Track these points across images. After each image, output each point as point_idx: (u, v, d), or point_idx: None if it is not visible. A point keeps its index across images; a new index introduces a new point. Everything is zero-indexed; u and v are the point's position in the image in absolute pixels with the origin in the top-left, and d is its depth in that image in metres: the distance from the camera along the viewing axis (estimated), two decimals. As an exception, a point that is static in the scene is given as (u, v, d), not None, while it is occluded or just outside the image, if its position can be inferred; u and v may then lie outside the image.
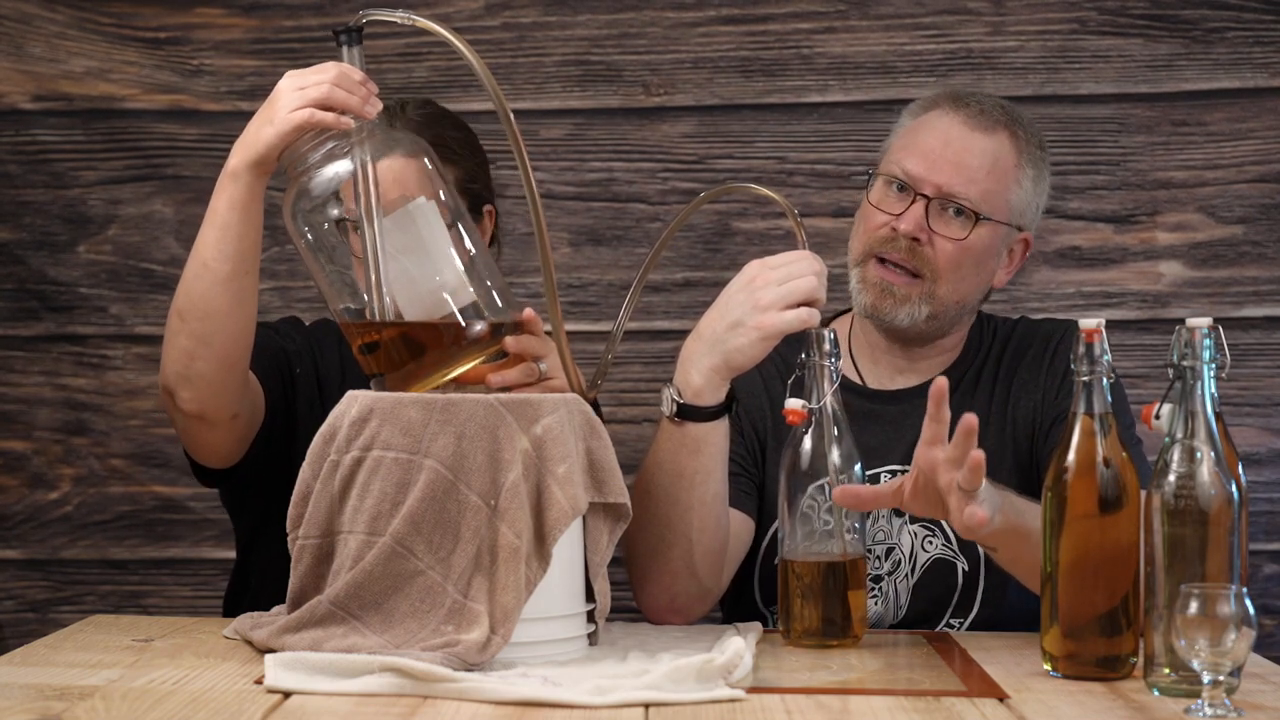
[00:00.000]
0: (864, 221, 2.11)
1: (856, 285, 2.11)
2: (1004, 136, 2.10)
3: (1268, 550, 2.66)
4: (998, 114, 2.11)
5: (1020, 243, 2.16)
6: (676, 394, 1.93)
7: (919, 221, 2.06)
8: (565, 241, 2.71)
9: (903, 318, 2.08)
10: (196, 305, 1.86)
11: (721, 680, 1.58)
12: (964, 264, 2.08)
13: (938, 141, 2.08)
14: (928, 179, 2.07)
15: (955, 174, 2.07)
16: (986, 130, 2.09)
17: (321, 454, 1.71)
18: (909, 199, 2.07)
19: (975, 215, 2.07)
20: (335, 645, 1.64)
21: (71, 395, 2.75)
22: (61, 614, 2.72)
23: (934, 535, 2.09)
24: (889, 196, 2.09)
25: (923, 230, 2.06)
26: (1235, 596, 1.47)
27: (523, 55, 2.71)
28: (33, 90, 2.74)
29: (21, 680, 1.60)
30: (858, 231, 2.12)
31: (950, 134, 2.09)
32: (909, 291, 2.08)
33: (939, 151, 2.08)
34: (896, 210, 2.08)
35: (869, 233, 2.10)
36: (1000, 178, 2.09)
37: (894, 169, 2.09)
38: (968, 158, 2.07)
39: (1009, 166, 2.09)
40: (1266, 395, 2.65)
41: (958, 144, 2.08)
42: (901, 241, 2.07)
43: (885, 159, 2.13)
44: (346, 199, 1.80)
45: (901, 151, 2.10)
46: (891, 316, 2.08)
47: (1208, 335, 1.60)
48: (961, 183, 2.07)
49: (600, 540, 1.76)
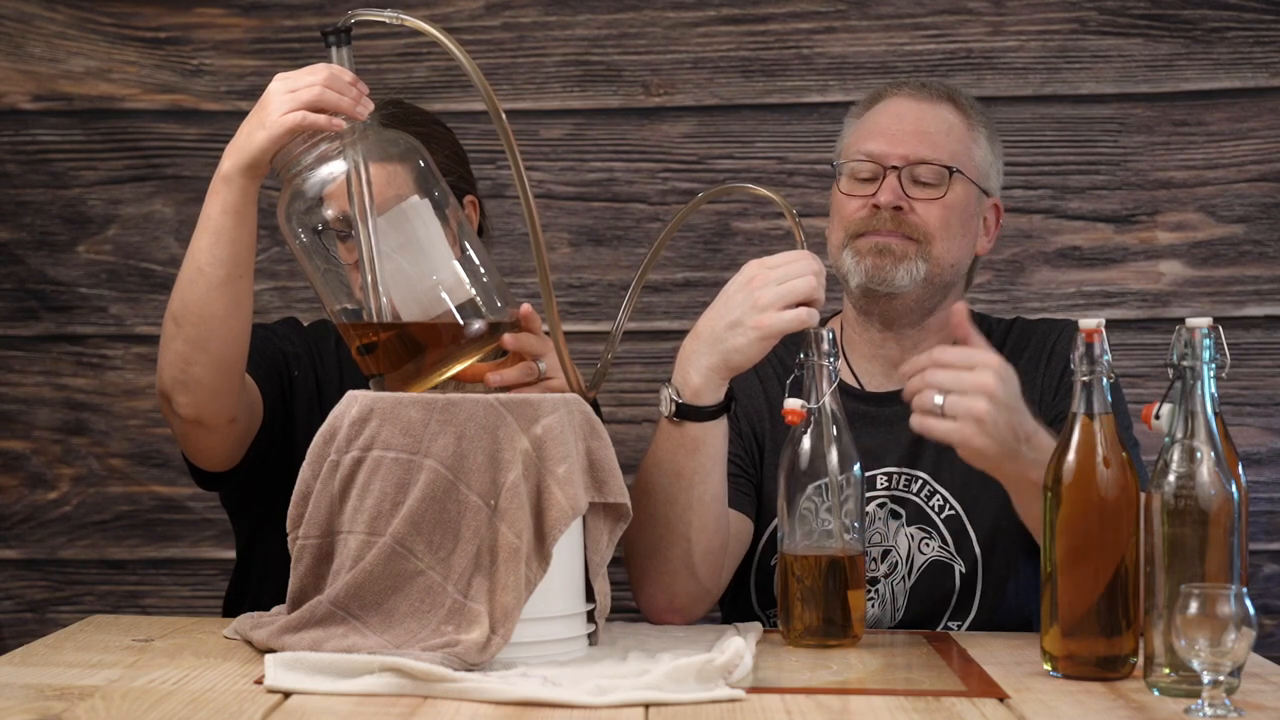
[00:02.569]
0: (839, 211, 2.12)
1: (851, 262, 2.10)
2: (949, 106, 2.14)
3: (1268, 550, 2.66)
4: (938, 88, 2.16)
5: (991, 209, 2.17)
6: (675, 394, 1.93)
7: (896, 190, 2.08)
8: (565, 241, 2.71)
9: (902, 276, 2.08)
10: (192, 310, 1.86)
11: (721, 680, 1.58)
12: (951, 222, 2.10)
13: (891, 119, 2.12)
14: (893, 152, 2.09)
15: (919, 141, 2.10)
16: (932, 101, 2.14)
17: (321, 454, 1.71)
18: (879, 176, 2.09)
19: (948, 170, 2.09)
20: (335, 645, 1.64)
21: (71, 395, 2.75)
22: (60, 614, 2.72)
23: (931, 538, 2.09)
24: (857, 183, 2.11)
25: (902, 198, 2.08)
26: (1235, 596, 1.47)
27: (522, 55, 2.70)
28: (33, 90, 2.74)
29: (21, 680, 1.60)
30: (834, 223, 2.14)
31: (900, 109, 2.13)
32: (905, 249, 2.08)
33: (895, 126, 2.11)
34: (869, 191, 2.09)
35: (847, 218, 2.11)
36: (959, 138, 2.12)
37: (856, 155, 2.11)
38: (924, 124, 2.11)
39: (963, 129, 2.13)
40: (1267, 395, 2.65)
41: (911, 116, 2.12)
42: (885, 213, 2.08)
43: (844, 154, 2.15)
44: (340, 200, 1.80)
45: (859, 140, 2.13)
46: (892, 276, 2.08)
47: (1208, 335, 1.60)
48: (927, 147, 2.09)
49: (600, 540, 1.76)
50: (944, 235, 2.09)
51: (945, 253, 2.10)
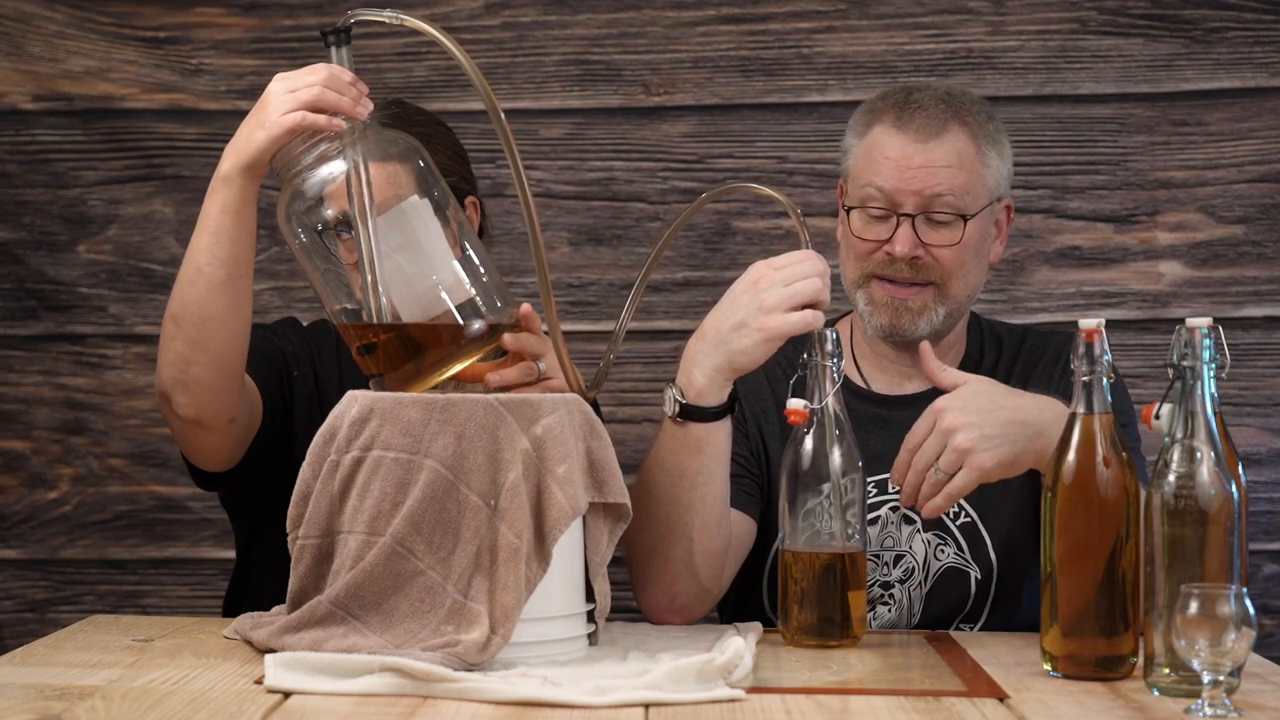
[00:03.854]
0: (852, 248, 2.10)
1: (865, 308, 2.09)
2: (956, 131, 2.07)
3: (1268, 550, 2.66)
4: (941, 111, 2.08)
5: (1003, 210, 2.15)
6: (679, 394, 1.93)
7: (912, 240, 2.05)
8: (565, 241, 2.71)
9: (923, 327, 2.07)
10: (191, 310, 1.86)
11: (721, 680, 1.58)
12: (967, 260, 2.08)
13: (901, 159, 2.06)
14: (906, 190, 2.05)
15: (932, 180, 2.05)
16: (939, 135, 2.06)
17: (321, 454, 1.71)
18: (891, 220, 2.06)
19: (963, 217, 2.06)
20: (335, 645, 1.64)
21: (70, 395, 2.75)
22: (60, 614, 2.72)
23: (946, 544, 2.09)
24: (870, 222, 2.08)
25: (918, 247, 2.06)
26: (1235, 596, 1.47)
27: (522, 55, 2.70)
28: (32, 90, 2.74)
29: (21, 680, 1.60)
30: (848, 256, 2.11)
31: (907, 150, 2.06)
32: (923, 300, 2.07)
33: (906, 167, 2.05)
34: (882, 234, 2.06)
35: (862, 258, 2.09)
36: (968, 168, 2.07)
37: (868, 192, 2.07)
38: (934, 163, 2.05)
39: (972, 156, 2.08)
40: (1266, 395, 2.65)
41: (919, 158, 2.05)
42: (900, 264, 2.06)
43: (852, 185, 2.11)
44: (340, 200, 1.80)
45: (866, 174, 2.08)
46: (911, 331, 2.07)
47: (1208, 335, 1.60)
48: (940, 189, 2.05)
49: (600, 540, 1.76)
50: (960, 274, 2.08)
51: (962, 289, 2.09)
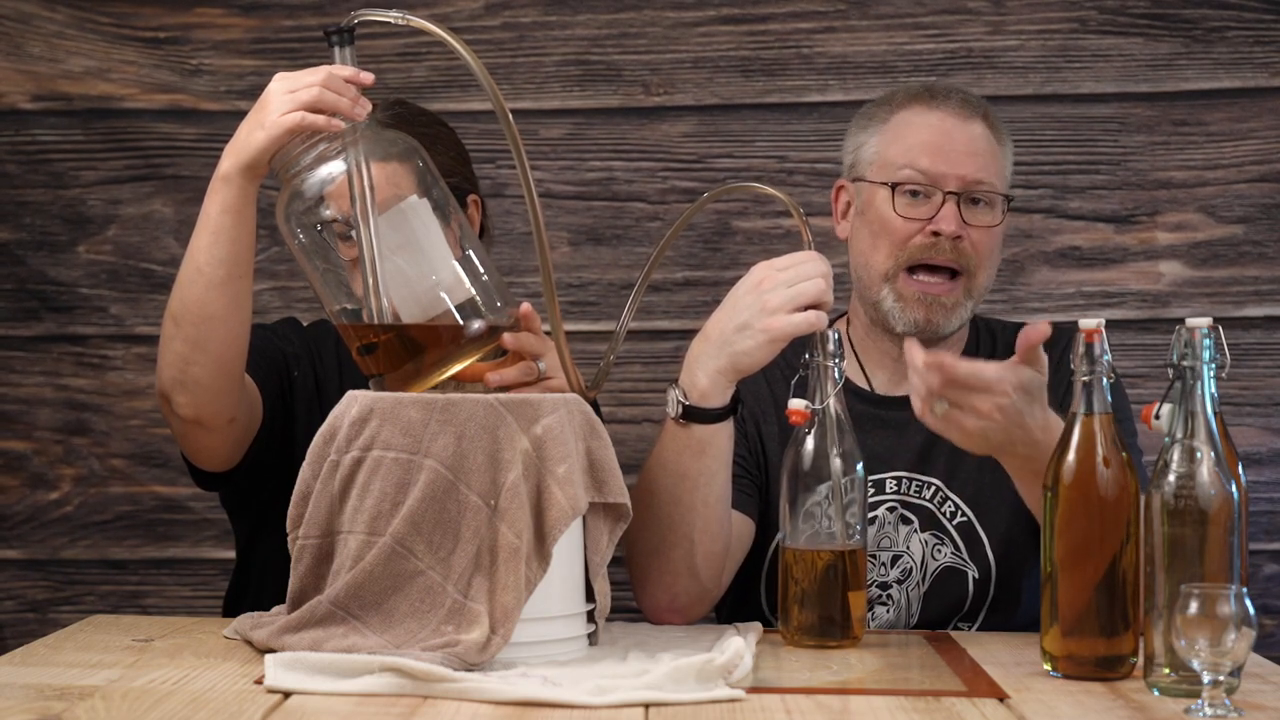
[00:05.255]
0: (889, 234, 2.06)
1: (894, 304, 2.07)
2: (982, 123, 2.10)
3: (1268, 550, 2.66)
4: (974, 104, 2.10)
5: None
6: (682, 395, 1.93)
7: (958, 218, 2.05)
8: (565, 241, 2.71)
9: (954, 323, 2.07)
10: (191, 310, 1.86)
11: (721, 680, 1.58)
12: (995, 249, 2.10)
13: (941, 137, 2.06)
14: (950, 173, 2.05)
15: (973, 164, 2.06)
16: (972, 118, 2.09)
17: (321, 454, 1.71)
18: (934, 199, 2.05)
19: (1006, 198, 2.08)
20: (335, 645, 1.64)
21: (72, 395, 2.75)
22: (61, 614, 2.72)
23: (944, 544, 2.09)
24: (912, 202, 2.06)
25: (962, 226, 2.05)
26: (1235, 596, 1.47)
27: (522, 55, 2.70)
28: (32, 90, 2.74)
29: (21, 680, 1.60)
30: (881, 245, 2.07)
31: (947, 126, 2.07)
32: (954, 296, 2.06)
33: (948, 146, 2.06)
34: (924, 214, 2.06)
35: (901, 244, 2.06)
36: (997, 157, 2.10)
37: (907, 173, 2.06)
38: (974, 145, 2.07)
39: (997, 147, 2.10)
40: (1267, 395, 2.65)
41: (961, 135, 2.07)
42: (945, 243, 2.05)
43: (882, 167, 2.09)
44: (339, 200, 1.80)
45: (904, 155, 2.07)
46: (944, 327, 2.07)
47: (1208, 335, 1.60)
48: (982, 170, 2.06)
49: (600, 540, 1.76)
50: (988, 263, 2.09)
51: (985, 281, 2.10)
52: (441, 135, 2.15)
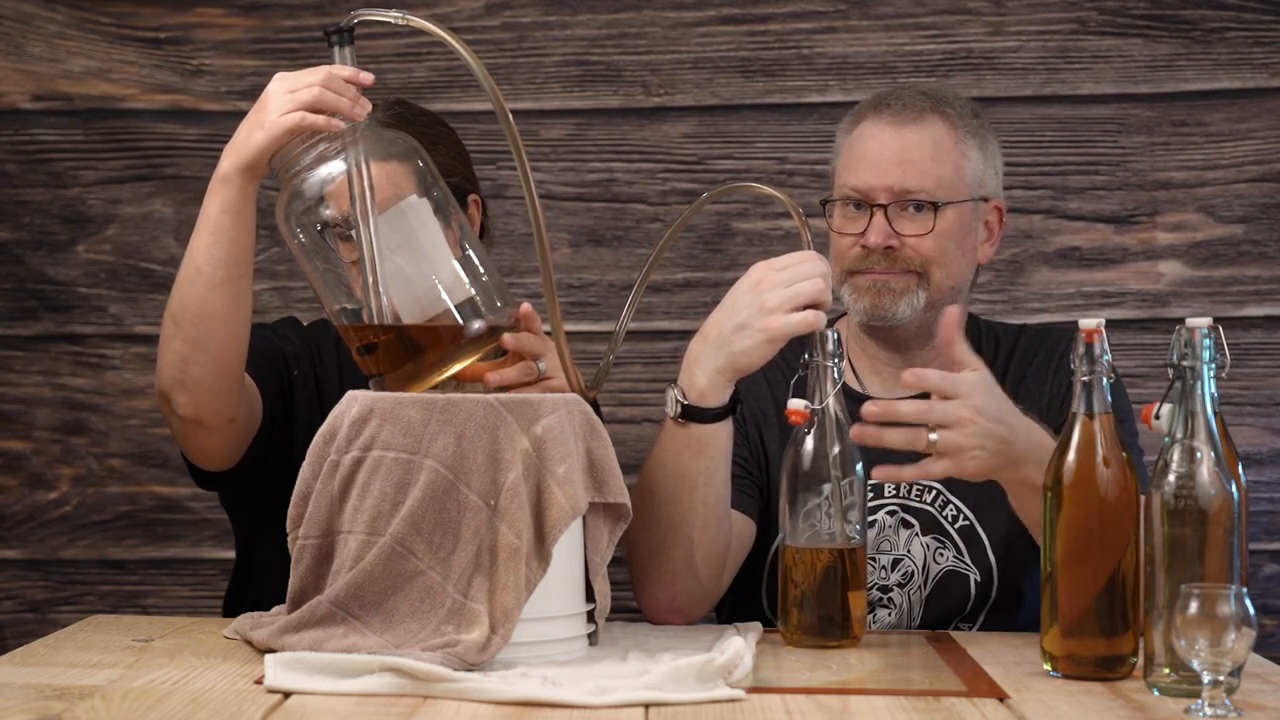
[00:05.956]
0: (834, 246, 2.13)
1: (850, 297, 2.11)
2: (933, 121, 2.10)
3: (1268, 550, 2.66)
4: (921, 103, 2.11)
5: (993, 211, 2.16)
6: (681, 395, 1.93)
7: (885, 230, 2.07)
8: (565, 242, 2.71)
9: (904, 310, 2.08)
10: (191, 310, 1.86)
11: (721, 680, 1.58)
12: (946, 249, 2.09)
13: (874, 149, 2.09)
14: (878, 185, 2.08)
15: (902, 173, 2.08)
16: (914, 122, 2.09)
17: (321, 454, 1.71)
18: (867, 213, 2.09)
19: (934, 205, 2.08)
20: (335, 645, 1.64)
21: (70, 395, 2.75)
22: (61, 614, 2.72)
23: (945, 548, 2.09)
24: (849, 218, 2.11)
25: (892, 237, 2.08)
26: (1235, 596, 1.47)
27: (523, 55, 2.70)
28: (32, 90, 2.74)
29: (21, 680, 1.60)
30: (833, 256, 2.13)
31: (882, 138, 2.10)
32: (905, 283, 2.08)
33: (877, 157, 2.09)
34: (859, 228, 2.09)
35: (840, 256, 2.12)
36: (944, 159, 2.09)
37: (845, 190, 2.11)
38: (907, 154, 2.08)
39: (949, 146, 2.10)
40: (1267, 395, 2.65)
41: (893, 145, 2.09)
42: (875, 255, 2.08)
43: (835, 184, 2.15)
44: (339, 201, 1.80)
45: (845, 172, 2.12)
46: (892, 312, 2.09)
47: (1208, 335, 1.60)
48: (912, 178, 2.08)
49: (600, 540, 1.76)
50: (941, 262, 2.09)
51: (945, 277, 2.10)
52: (442, 135, 2.15)
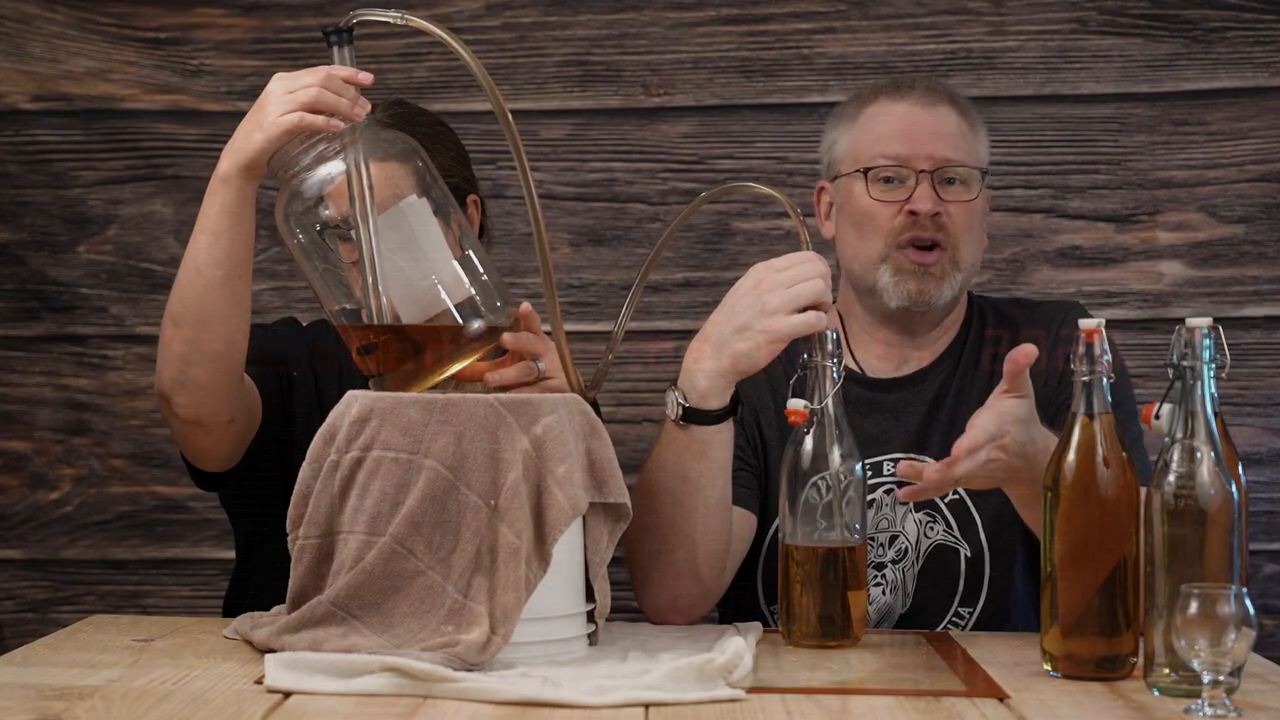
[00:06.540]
0: (869, 221, 2.10)
1: (890, 279, 2.09)
2: (949, 106, 2.13)
3: (1268, 550, 2.66)
4: (938, 89, 2.14)
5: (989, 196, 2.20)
6: (681, 397, 1.93)
7: (933, 197, 2.08)
8: (565, 242, 2.71)
9: (946, 293, 2.10)
10: (190, 311, 1.86)
11: (721, 680, 1.58)
12: (974, 224, 2.11)
13: (908, 124, 2.11)
14: (919, 154, 2.09)
15: (941, 143, 2.09)
16: (936, 103, 2.12)
17: (321, 454, 1.71)
18: (908, 182, 2.08)
19: (980, 171, 2.10)
20: (335, 645, 1.64)
21: (72, 395, 2.75)
22: (61, 614, 2.72)
23: (935, 521, 2.09)
24: (887, 187, 2.10)
25: (938, 203, 2.08)
26: (1235, 596, 1.47)
27: (523, 55, 2.71)
28: (33, 90, 2.74)
29: (21, 680, 1.60)
30: (866, 233, 2.10)
31: (914, 114, 2.11)
32: (943, 267, 2.09)
33: (911, 128, 2.10)
34: (899, 196, 2.08)
35: (882, 228, 2.09)
36: (968, 136, 2.13)
37: (880, 160, 2.10)
38: (942, 128, 2.10)
39: (968, 128, 2.13)
40: (1267, 395, 2.65)
41: (927, 119, 2.11)
42: (925, 220, 2.08)
43: (855, 160, 2.13)
44: (338, 201, 1.80)
45: (875, 144, 2.11)
46: (936, 298, 2.09)
47: (1208, 335, 1.60)
48: (950, 148, 2.10)
49: (600, 540, 1.76)
50: (969, 238, 2.11)
51: (970, 255, 2.12)
52: (441, 135, 2.15)
